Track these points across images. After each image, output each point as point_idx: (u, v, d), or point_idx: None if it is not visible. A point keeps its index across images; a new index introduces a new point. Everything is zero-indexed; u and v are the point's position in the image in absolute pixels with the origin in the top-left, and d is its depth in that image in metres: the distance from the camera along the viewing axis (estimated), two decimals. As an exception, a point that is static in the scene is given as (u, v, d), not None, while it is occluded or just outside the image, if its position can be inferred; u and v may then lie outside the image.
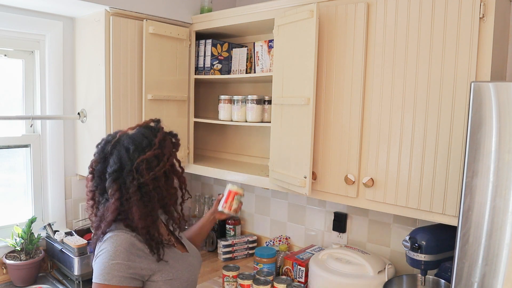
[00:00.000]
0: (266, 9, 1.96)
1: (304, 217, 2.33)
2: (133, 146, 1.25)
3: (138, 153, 1.25)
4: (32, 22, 2.09)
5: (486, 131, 1.14)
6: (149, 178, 1.23)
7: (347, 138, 1.71)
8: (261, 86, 2.38)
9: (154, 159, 1.25)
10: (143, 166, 1.23)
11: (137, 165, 1.23)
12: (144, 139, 1.27)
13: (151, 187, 1.24)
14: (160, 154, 1.27)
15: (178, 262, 1.33)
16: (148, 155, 1.24)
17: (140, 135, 1.28)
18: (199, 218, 2.71)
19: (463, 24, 1.40)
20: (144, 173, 1.23)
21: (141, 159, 1.24)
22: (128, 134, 1.30)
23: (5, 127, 2.13)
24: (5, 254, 2.02)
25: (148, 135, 1.29)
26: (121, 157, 1.25)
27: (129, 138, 1.28)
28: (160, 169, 1.26)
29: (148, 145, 1.26)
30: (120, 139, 1.29)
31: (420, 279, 1.70)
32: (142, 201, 1.24)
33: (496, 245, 1.13)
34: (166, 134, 1.32)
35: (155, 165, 1.25)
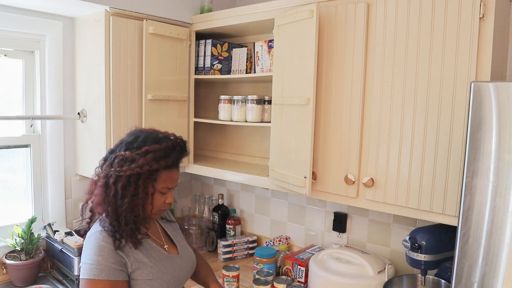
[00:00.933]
0: (266, 9, 1.96)
1: (304, 217, 2.33)
2: (129, 140, 1.30)
3: (125, 147, 1.29)
4: (32, 22, 2.09)
5: (486, 131, 1.14)
6: (115, 172, 1.25)
7: (347, 138, 1.71)
8: (261, 86, 2.38)
9: (128, 160, 1.26)
10: (117, 160, 1.26)
11: (116, 156, 1.27)
12: (141, 141, 1.29)
13: (112, 181, 1.25)
14: (136, 160, 1.25)
15: (160, 262, 1.34)
16: (125, 154, 1.26)
17: (145, 137, 1.31)
18: (199, 218, 2.73)
19: (463, 24, 1.40)
20: (114, 165, 1.26)
21: (120, 154, 1.27)
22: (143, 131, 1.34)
23: (5, 127, 2.13)
24: (5, 254, 2.02)
25: (150, 140, 1.29)
26: (119, 144, 1.32)
27: (137, 134, 1.32)
28: (124, 170, 1.24)
29: (136, 147, 1.28)
30: (135, 131, 1.35)
31: (420, 279, 1.70)
32: (105, 190, 1.27)
33: (496, 245, 1.13)
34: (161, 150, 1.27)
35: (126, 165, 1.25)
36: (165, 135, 1.33)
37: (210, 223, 2.64)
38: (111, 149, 1.34)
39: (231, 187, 2.70)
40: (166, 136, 1.33)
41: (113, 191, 1.25)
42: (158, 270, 1.32)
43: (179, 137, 1.36)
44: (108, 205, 1.25)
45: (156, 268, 1.31)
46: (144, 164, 1.25)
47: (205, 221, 2.68)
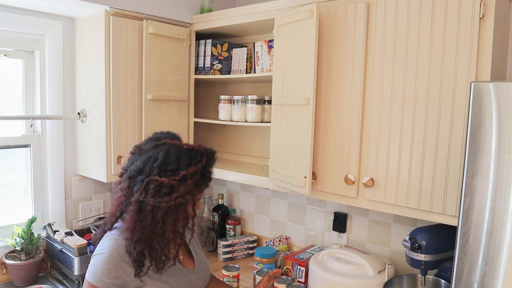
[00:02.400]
0: (266, 9, 1.96)
1: (304, 217, 2.33)
2: (160, 161, 1.20)
3: (158, 170, 1.19)
4: (32, 22, 2.09)
5: (486, 131, 1.14)
6: (151, 201, 1.18)
7: (347, 138, 1.71)
8: (261, 86, 2.38)
9: (166, 187, 1.18)
10: (153, 185, 1.18)
11: (149, 181, 1.18)
12: (175, 163, 1.20)
13: (149, 208, 1.19)
14: (175, 187, 1.18)
15: (173, 277, 1.28)
16: (162, 180, 1.18)
17: (177, 156, 1.21)
18: (199, 218, 2.72)
19: (463, 24, 1.40)
20: (149, 192, 1.18)
21: (155, 178, 1.18)
22: (171, 146, 1.23)
23: (5, 127, 2.13)
24: (5, 254, 2.02)
25: (183, 161, 1.21)
26: (146, 163, 1.22)
27: (167, 150, 1.22)
28: (164, 201, 1.18)
29: (172, 170, 1.19)
30: (161, 146, 1.24)
31: (420, 279, 1.70)
32: (137, 215, 1.19)
33: (496, 245, 1.13)
34: (198, 173, 1.21)
35: (164, 193, 1.18)
36: (195, 150, 1.24)
37: (210, 223, 2.64)
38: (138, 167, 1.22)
39: (231, 187, 2.70)
40: (196, 151, 1.24)
41: (149, 220, 1.18)
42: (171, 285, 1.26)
43: (209, 149, 1.28)
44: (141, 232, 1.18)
45: (169, 283, 1.26)
46: (186, 193, 1.19)
47: (205, 221, 2.68)
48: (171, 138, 1.27)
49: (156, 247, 1.21)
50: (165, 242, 1.21)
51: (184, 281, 1.31)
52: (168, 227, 1.20)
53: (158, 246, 1.21)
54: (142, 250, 1.19)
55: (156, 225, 1.19)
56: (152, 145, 1.25)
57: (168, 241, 1.22)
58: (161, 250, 1.22)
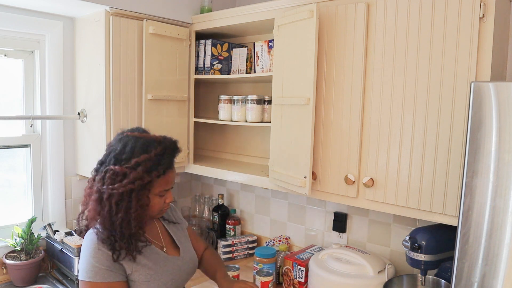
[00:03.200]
0: (266, 9, 1.96)
1: (304, 217, 2.33)
2: (118, 151, 1.26)
3: (114, 160, 1.25)
4: (32, 22, 2.09)
5: (486, 131, 1.14)
6: (107, 189, 1.22)
7: (347, 138, 1.71)
8: (261, 86, 2.38)
9: (120, 175, 1.22)
10: (109, 174, 1.23)
11: (106, 170, 1.24)
12: (129, 152, 1.25)
13: (105, 196, 1.23)
14: (126, 174, 1.22)
15: (158, 264, 1.33)
16: (115, 168, 1.23)
17: (133, 145, 1.26)
18: (199, 218, 2.72)
19: (463, 24, 1.40)
20: (105, 181, 1.23)
21: (110, 167, 1.23)
22: (130, 137, 1.29)
23: (5, 127, 2.13)
24: (5, 254, 2.02)
25: (137, 150, 1.25)
26: (108, 154, 1.28)
27: (125, 141, 1.27)
28: (116, 188, 1.21)
29: (126, 159, 1.24)
30: (122, 138, 1.29)
31: (420, 279, 1.70)
32: (99, 204, 1.24)
33: (496, 245, 1.13)
34: (151, 160, 1.24)
35: (117, 181, 1.22)
36: (153, 139, 1.28)
37: (210, 223, 2.64)
38: (101, 160, 1.29)
39: (231, 187, 2.70)
40: (154, 140, 1.28)
41: (107, 207, 1.23)
42: (155, 272, 1.31)
43: (168, 138, 1.32)
44: (104, 220, 1.24)
45: (154, 270, 1.31)
46: (136, 179, 1.22)
47: (205, 221, 2.68)
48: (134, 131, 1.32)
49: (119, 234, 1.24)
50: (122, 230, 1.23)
51: (170, 266, 1.37)
52: (121, 214, 1.22)
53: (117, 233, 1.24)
54: (109, 236, 1.24)
55: (112, 213, 1.23)
56: (116, 139, 1.31)
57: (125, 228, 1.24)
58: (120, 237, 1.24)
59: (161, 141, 1.29)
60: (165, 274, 1.34)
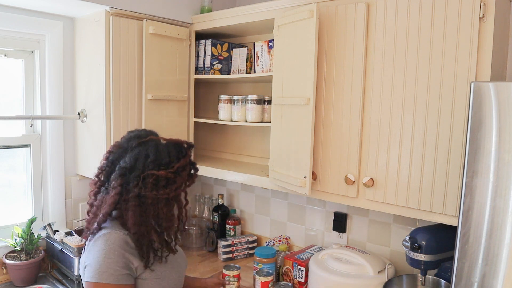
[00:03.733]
0: (266, 9, 1.96)
1: (304, 217, 2.33)
2: (153, 156, 1.26)
3: (153, 165, 1.25)
4: (32, 22, 2.09)
5: (486, 131, 1.14)
6: (151, 194, 1.24)
7: (347, 138, 1.71)
8: (261, 86, 2.38)
9: (163, 179, 1.25)
10: (150, 179, 1.23)
11: (146, 175, 1.24)
12: (166, 157, 1.27)
13: (149, 201, 1.25)
14: (171, 179, 1.26)
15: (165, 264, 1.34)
16: (160, 173, 1.24)
17: (166, 150, 1.28)
18: (199, 218, 2.72)
19: (463, 24, 1.40)
20: (148, 186, 1.24)
21: (152, 173, 1.24)
22: (157, 142, 1.30)
23: (5, 127, 2.13)
24: (5, 254, 2.02)
25: (173, 155, 1.28)
26: (138, 159, 1.26)
27: (155, 146, 1.28)
28: (164, 193, 1.25)
29: (166, 164, 1.26)
30: (148, 142, 1.29)
31: (420, 279, 1.70)
32: (139, 209, 1.24)
33: (496, 245, 1.13)
34: (188, 164, 1.31)
35: (161, 186, 1.25)
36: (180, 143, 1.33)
37: (210, 223, 2.64)
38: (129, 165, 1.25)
39: (231, 187, 2.70)
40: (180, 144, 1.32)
41: (152, 212, 1.25)
42: (166, 269, 1.33)
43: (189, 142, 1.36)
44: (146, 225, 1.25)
45: (165, 267, 1.32)
46: (183, 183, 1.29)
47: (205, 221, 2.68)
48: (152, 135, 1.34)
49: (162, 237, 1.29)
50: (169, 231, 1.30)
51: (174, 264, 1.39)
52: (170, 216, 1.28)
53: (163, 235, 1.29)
54: (150, 242, 1.26)
55: (159, 216, 1.27)
56: (137, 143, 1.29)
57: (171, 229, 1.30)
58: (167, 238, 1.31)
59: (183, 143, 1.33)
60: (173, 271, 1.36)
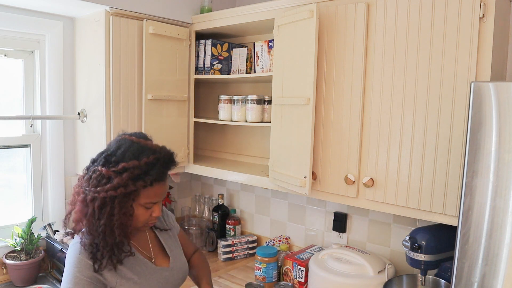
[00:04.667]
0: (266, 9, 1.96)
1: (304, 217, 2.33)
2: (109, 153, 1.21)
3: (103, 161, 1.20)
4: (32, 22, 2.09)
5: (486, 131, 1.14)
6: (92, 190, 1.17)
7: (347, 138, 1.71)
8: (261, 86, 2.38)
9: (105, 177, 1.17)
10: (95, 175, 1.19)
11: (94, 170, 1.20)
12: (120, 155, 1.19)
13: (89, 198, 1.18)
14: (111, 178, 1.16)
15: (144, 277, 1.27)
16: (101, 170, 1.18)
17: (126, 148, 1.21)
18: (199, 218, 2.72)
19: (463, 24, 1.40)
20: (91, 182, 1.18)
21: (96, 168, 1.19)
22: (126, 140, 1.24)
23: (5, 127, 2.13)
24: (5, 254, 2.02)
25: (129, 154, 1.19)
26: (100, 153, 1.24)
27: (121, 143, 1.23)
28: (98, 191, 1.16)
29: (114, 162, 1.18)
30: (119, 140, 1.25)
31: (420, 279, 1.70)
32: (82, 205, 1.20)
33: (496, 245, 1.13)
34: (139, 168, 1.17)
35: (102, 183, 1.17)
36: (148, 147, 1.22)
37: (210, 223, 2.64)
38: (93, 158, 1.24)
39: (231, 187, 2.70)
40: (149, 148, 1.22)
41: (90, 210, 1.18)
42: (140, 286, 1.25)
43: (165, 149, 1.25)
44: (87, 224, 1.19)
45: (139, 284, 1.25)
46: (120, 186, 1.15)
47: (205, 221, 2.68)
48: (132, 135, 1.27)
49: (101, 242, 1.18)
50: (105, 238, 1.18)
51: (156, 279, 1.30)
52: (103, 221, 1.17)
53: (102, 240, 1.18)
54: (91, 244, 1.19)
55: (94, 217, 1.18)
56: (114, 140, 1.27)
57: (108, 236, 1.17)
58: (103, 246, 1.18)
59: (156, 150, 1.22)
60: (153, 286, 1.29)
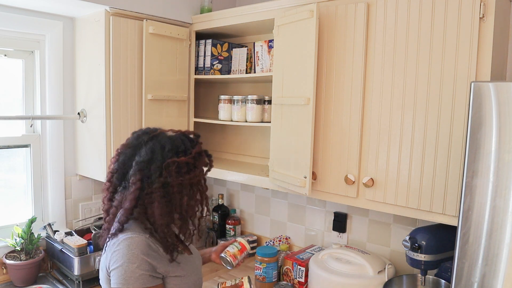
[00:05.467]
0: (266, 9, 1.96)
1: (304, 217, 2.33)
2: (170, 146, 1.27)
3: (172, 154, 1.26)
4: (32, 22, 2.09)
5: (486, 131, 1.14)
6: (176, 181, 1.24)
7: (347, 138, 1.71)
8: (261, 86, 2.38)
9: (185, 165, 1.26)
10: (173, 167, 1.24)
11: (168, 164, 1.24)
12: (182, 145, 1.29)
13: (175, 189, 1.24)
14: (192, 164, 1.28)
15: (187, 264, 1.34)
16: (181, 160, 1.25)
17: (180, 139, 1.30)
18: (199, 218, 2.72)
19: (463, 24, 1.40)
20: (172, 174, 1.24)
21: (173, 160, 1.24)
22: (167, 134, 1.32)
23: (5, 127, 2.13)
24: (5, 254, 2.02)
25: (187, 143, 1.30)
26: (154, 151, 1.26)
27: (168, 137, 1.30)
28: (189, 178, 1.26)
29: (183, 151, 1.28)
30: (159, 135, 1.31)
31: (420, 279, 1.70)
32: (164, 199, 1.24)
33: (496, 245, 1.13)
34: (203, 150, 1.33)
35: (184, 172, 1.26)
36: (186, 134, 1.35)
37: (210, 223, 2.64)
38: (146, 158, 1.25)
39: (231, 187, 2.70)
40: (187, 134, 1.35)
41: (178, 199, 1.25)
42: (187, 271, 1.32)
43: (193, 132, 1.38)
44: (176, 213, 1.26)
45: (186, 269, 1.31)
46: (204, 166, 1.33)
47: (205, 221, 2.68)
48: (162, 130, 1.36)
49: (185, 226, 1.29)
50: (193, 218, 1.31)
51: (193, 266, 1.38)
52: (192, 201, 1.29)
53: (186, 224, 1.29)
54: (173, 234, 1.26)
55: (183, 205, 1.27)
56: (149, 137, 1.30)
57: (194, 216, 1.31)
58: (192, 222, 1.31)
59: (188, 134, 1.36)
60: (193, 272, 1.35)
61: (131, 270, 1.18)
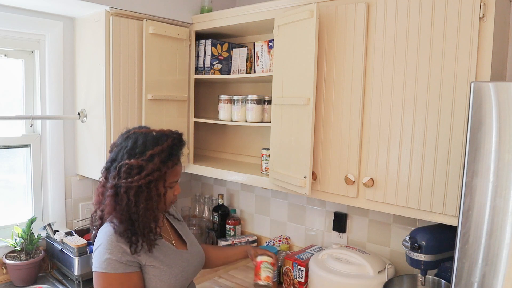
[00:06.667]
0: (266, 9, 1.96)
1: (304, 217, 2.33)
2: (129, 147, 1.31)
3: (127, 155, 1.29)
4: (32, 22, 2.09)
5: (486, 131, 1.14)
6: (126, 182, 1.27)
7: (347, 138, 1.71)
8: (261, 86, 2.38)
9: (136, 167, 1.27)
10: (124, 169, 1.27)
11: (120, 166, 1.28)
12: (141, 146, 1.30)
13: (123, 190, 1.28)
14: (143, 166, 1.27)
15: (168, 256, 1.38)
16: (131, 162, 1.28)
17: (144, 140, 1.31)
18: (199, 218, 2.73)
19: (463, 24, 1.40)
20: (121, 175, 1.27)
21: (125, 162, 1.28)
22: (139, 133, 1.34)
23: (5, 127, 2.13)
24: (5, 254, 2.02)
25: (150, 143, 1.31)
26: (119, 151, 1.32)
27: (135, 137, 1.33)
28: (135, 180, 1.27)
29: (139, 153, 1.29)
30: (130, 136, 1.34)
31: (420, 279, 1.70)
32: (113, 199, 1.28)
33: (496, 245, 1.13)
34: (164, 151, 1.30)
35: (134, 174, 1.27)
36: (162, 133, 1.35)
37: (210, 223, 2.64)
38: (111, 157, 1.34)
39: (231, 187, 2.70)
40: (162, 133, 1.35)
41: (125, 200, 1.27)
42: (167, 264, 1.36)
43: (175, 131, 1.38)
44: (121, 213, 1.28)
45: (165, 263, 1.35)
46: (154, 170, 1.28)
47: (205, 221, 2.68)
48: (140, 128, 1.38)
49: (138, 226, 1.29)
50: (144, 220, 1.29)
51: (179, 260, 1.42)
52: (142, 205, 1.28)
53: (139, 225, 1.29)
54: (126, 230, 1.28)
55: (131, 205, 1.27)
56: (123, 137, 1.36)
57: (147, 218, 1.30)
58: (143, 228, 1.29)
59: (169, 134, 1.35)
60: (175, 266, 1.38)
61: (105, 256, 1.26)
